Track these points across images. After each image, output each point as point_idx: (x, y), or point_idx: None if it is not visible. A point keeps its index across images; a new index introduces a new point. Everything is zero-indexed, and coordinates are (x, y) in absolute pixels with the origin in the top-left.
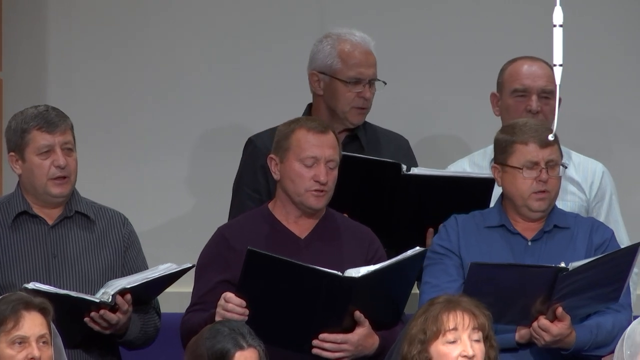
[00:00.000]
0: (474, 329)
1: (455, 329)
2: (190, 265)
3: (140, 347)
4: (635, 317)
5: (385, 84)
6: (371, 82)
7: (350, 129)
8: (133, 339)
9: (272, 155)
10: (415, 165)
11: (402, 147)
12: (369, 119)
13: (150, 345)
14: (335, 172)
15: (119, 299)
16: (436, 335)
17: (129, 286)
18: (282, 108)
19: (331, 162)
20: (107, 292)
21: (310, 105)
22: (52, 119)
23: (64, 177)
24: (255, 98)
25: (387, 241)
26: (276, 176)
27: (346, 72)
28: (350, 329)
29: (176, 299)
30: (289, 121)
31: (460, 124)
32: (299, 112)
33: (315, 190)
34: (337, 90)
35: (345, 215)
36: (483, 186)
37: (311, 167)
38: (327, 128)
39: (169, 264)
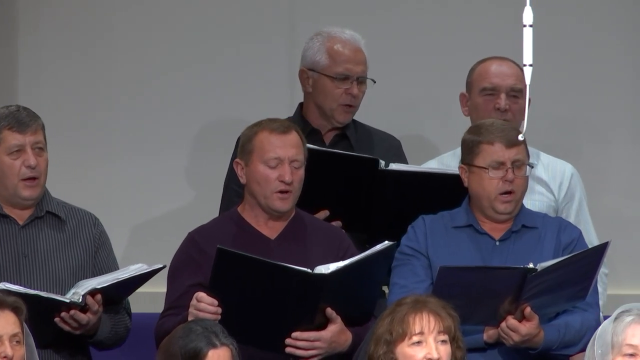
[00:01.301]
0: (439, 331)
1: (421, 332)
2: (162, 265)
3: (110, 347)
4: (605, 318)
5: (375, 82)
6: (360, 79)
7: (340, 127)
8: (103, 339)
9: (237, 160)
10: None
11: (392, 147)
12: (357, 116)
13: (120, 346)
14: (301, 172)
15: (89, 299)
16: (402, 337)
17: (99, 286)
18: (269, 107)
19: (295, 161)
20: (77, 292)
21: (301, 104)
22: (23, 119)
23: (34, 179)
24: (233, 96)
25: (369, 239)
26: (242, 180)
27: (334, 68)
28: (322, 327)
29: (147, 299)
30: (252, 124)
31: (447, 121)
32: (290, 110)
33: (280, 192)
34: (325, 86)
35: (327, 211)
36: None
37: (275, 168)
38: (290, 128)
39: (139, 265)
